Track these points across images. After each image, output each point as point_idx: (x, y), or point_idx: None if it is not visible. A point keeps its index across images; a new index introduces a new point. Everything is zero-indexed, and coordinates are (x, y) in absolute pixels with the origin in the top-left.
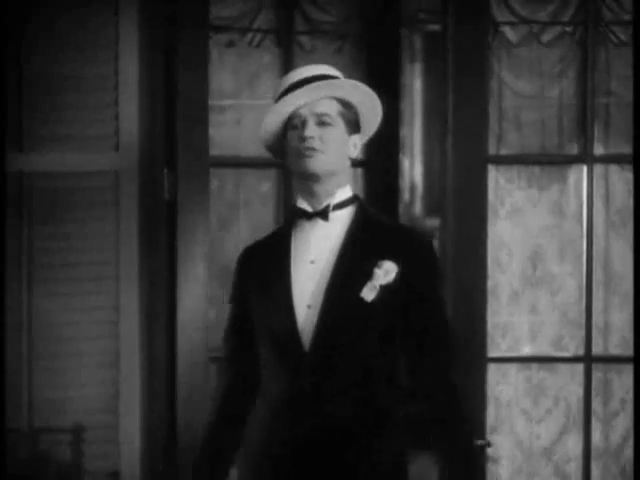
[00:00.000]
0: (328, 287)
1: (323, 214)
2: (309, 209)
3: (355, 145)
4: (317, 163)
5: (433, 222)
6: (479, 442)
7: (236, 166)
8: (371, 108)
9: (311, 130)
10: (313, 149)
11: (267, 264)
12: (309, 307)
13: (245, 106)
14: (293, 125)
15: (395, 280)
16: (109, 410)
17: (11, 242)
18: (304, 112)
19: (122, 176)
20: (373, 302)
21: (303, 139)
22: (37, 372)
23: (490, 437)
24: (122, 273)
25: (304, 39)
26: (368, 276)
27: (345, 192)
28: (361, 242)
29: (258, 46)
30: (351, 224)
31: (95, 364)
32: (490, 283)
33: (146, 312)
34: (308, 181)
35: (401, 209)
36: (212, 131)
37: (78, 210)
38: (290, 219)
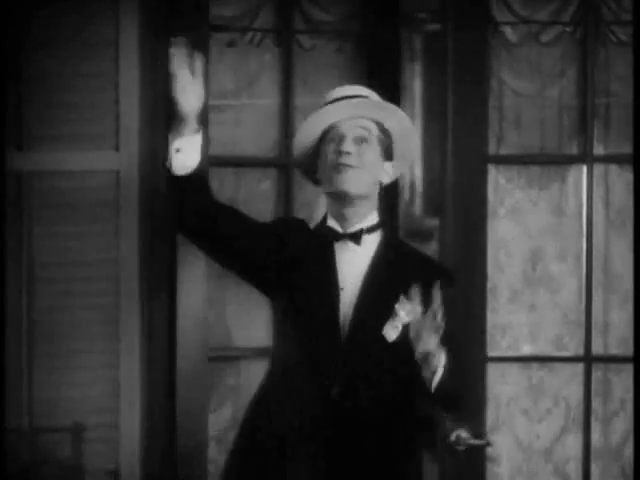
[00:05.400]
0: (351, 323)
1: (355, 237)
2: (339, 230)
3: (387, 172)
4: (351, 180)
5: (433, 222)
6: (478, 442)
7: (236, 165)
8: (407, 137)
9: (349, 146)
10: (349, 165)
11: (311, 268)
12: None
13: (245, 105)
14: (330, 139)
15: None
16: (109, 409)
17: (11, 242)
18: (343, 127)
19: (122, 176)
20: (395, 341)
21: (340, 153)
22: (37, 371)
23: (490, 437)
24: (122, 273)
25: (304, 39)
26: (390, 314)
27: (374, 217)
28: (386, 274)
29: (258, 45)
30: (377, 252)
31: (95, 363)
32: (490, 283)
33: (146, 311)
34: (339, 202)
35: (401, 209)
36: (212, 130)
37: (78, 210)
38: (323, 237)
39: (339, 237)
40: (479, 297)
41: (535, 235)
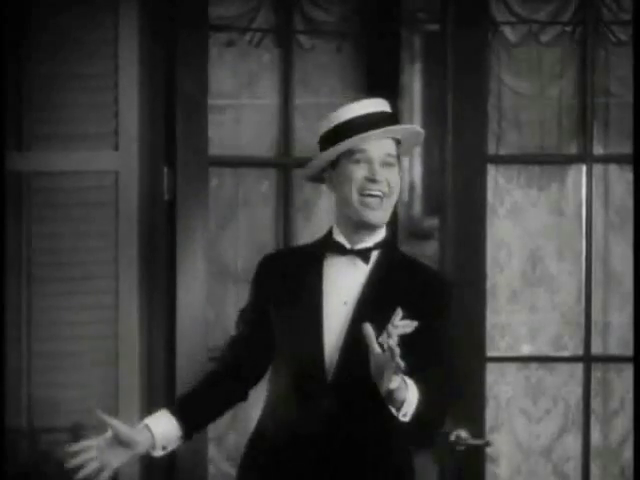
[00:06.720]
0: (346, 338)
1: (363, 255)
2: (347, 245)
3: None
4: (379, 210)
5: (432, 222)
6: (478, 442)
7: (235, 165)
8: (413, 143)
9: (380, 173)
10: (378, 195)
11: (297, 289)
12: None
13: (244, 105)
14: (355, 160)
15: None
16: (108, 410)
17: (11, 242)
18: (371, 151)
19: (122, 176)
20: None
21: (373, 181)
22: (36, 371)
23: (489, 437)
24: (121, 272)
25: (304, 38)
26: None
27: (383, 230)
28: (384, 290)
29: (258, 45)
30: (376, 268)
31: (94, 363)
32: (489, 283)
33: (146, 311)
34: (358, 226)
35: (400, 209)
36: (211, 130)
37: (78, 210)
38: (324, 248)
39: (346, 252)
40: (479, 297)
41: (535, 235)
